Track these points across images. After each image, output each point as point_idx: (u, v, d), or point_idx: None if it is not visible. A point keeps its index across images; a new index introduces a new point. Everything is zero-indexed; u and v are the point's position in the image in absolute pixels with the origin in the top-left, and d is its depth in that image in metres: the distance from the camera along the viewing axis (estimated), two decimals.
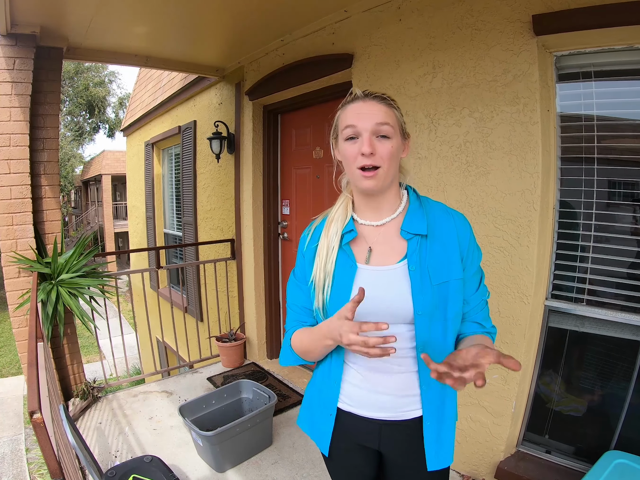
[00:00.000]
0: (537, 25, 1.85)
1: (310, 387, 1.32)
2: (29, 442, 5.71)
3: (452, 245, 1.10)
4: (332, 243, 1.13)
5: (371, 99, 1.07)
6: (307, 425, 1.31)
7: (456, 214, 1.15)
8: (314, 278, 1.15)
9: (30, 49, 2.77)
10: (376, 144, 1.03)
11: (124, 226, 18.00)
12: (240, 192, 4.01)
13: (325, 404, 1.21)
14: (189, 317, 5.13)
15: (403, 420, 1.14)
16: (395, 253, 1.11)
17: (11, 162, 2.78)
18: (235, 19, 2.92)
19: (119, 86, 41.92)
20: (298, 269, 1.26)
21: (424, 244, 1.09)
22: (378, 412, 1.14)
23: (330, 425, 1.20)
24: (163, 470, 2.17)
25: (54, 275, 2.88)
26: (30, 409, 1.16)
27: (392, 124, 1.05)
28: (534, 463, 2.13)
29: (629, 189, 1.90)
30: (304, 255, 1.22)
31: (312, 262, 1.17)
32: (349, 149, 1.06)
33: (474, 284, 1.15)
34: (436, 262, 1.08)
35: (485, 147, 2.10)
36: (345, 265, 1.12)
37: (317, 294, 1.14)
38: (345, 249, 1.13)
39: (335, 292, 1.11)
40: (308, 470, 2.44)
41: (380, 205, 1.14)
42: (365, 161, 1.03)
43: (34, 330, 1.83)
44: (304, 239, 1.24)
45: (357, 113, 1.06)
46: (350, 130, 1.06)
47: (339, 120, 1.13)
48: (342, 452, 1.23)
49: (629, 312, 1.86)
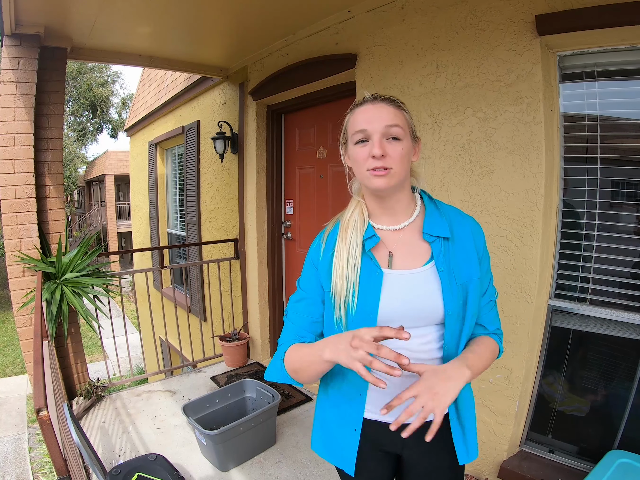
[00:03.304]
0: (540, 25, 1.85)
1: (322, 404, 1.25)
2: (32, 441, 5.75)
3: (469, 246, 1.11)
4: (353, 250, 1.09)
5: (380, 101, 1.07)
6: (323, 448, 1.23)
7: (468, 217, 1.17)
8: (334, 288, 1.10)
9: (34, 49, 2.78)
10: (387, 146, 1.03)
11: (127, 226, 18.03)
12: (244, 192, 4.01)
13: (348, 418, 1.16)
14: (193, 317, 5.13)
15: (428, 421, 1.13)
16: (418, 256, 1.11)
17: (15, 162, 2.80)
18: (238, 19, 2.92)
19: (122, 86, 41.93)
20: (305, 280, 1.20)
21: (447, 246, 1.09)
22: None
23: (355, 442, 1.14)
24: (167, 469, 2.18)
25: (58, 275, 2.89)
26: (37, 406, 1.17)
27: (402, 125, 1.05)
28: (537, 462, 2.13)
29: (633, 188, 1.90)
30: (318, 265, 1.17)
31: (329, 271, 1.13)
32: (359, 152, 1.05)
33: (484, 285, 1.16)
34: (458, 262, 1.09)
35: (488, 147, 2.10)
36: (370, 272, 1.09)
37: (338, 304, 1.10)
38: (369, 255, 1.10)
39: (362, 301, 1.08)
40: (311, 469, 2.45)
41: (394, 209, 1.13)
42: (377, 163, 1.02)
43: (39, 329, 1.84)
44: (318, 248, 1.18)
45: (367, 116, 1.05)
46: (360, 134, 1.05)
47: (348, 125, 1.11)
48: (367, 464, 1.19)
49: (632, 311, 1.86)
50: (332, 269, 1.11)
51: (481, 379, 2.20)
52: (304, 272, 1.22)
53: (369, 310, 1.07)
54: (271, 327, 4.06)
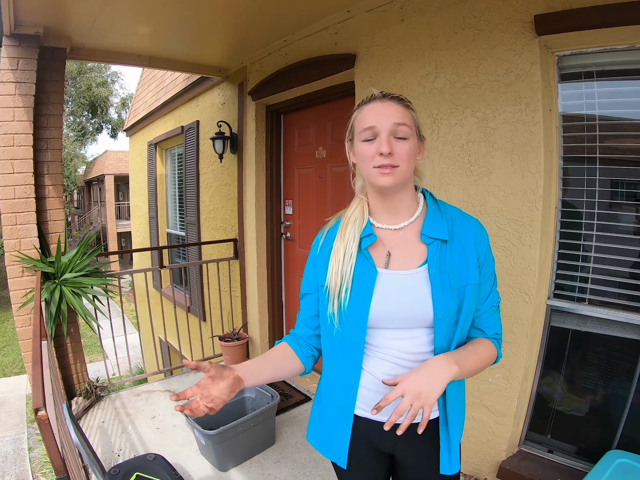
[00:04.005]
0: (539, 25, 1.85)
1: (319, 396, 1.28)
2: (32, 441, 5.75)
3: (469, 250, 1.10)
4: (350, 247, 1.10)
5: (389, 99, 1.07)
6: (318, 441, 1.26)
7: (473, 219, 1.16)
8: (328, 283, 1.12)
9: (33, 49, 2.78)
10: (394, 144, 1.03)
11: (127, 226, 18.03)
12: (243, 192, 4.01)
13: (340, 413, 1.18)
14: (192, 317, 5.14)
15: (418, 423, 1.13)
16: (415, 257, 1.10)
17: (15, 162, 2.80)
18: (238, 19, 2.92)
19: (121, 86, 42.09)
20: (307, 276, 1.24)
21: (443, 249, 1.08)
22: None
23: (347, 436, 1.16)
24: (166, 469, 2.18)
25: (58, 275, 2.89)
26: (35, 406, 1.17)
27: (409, 124, 1.05)
28: (536, 462, 2.13)
29: (632, 188, 1.90)
30: (316, 260, 1.19)
31: (325, 266, 1.15)
32: (366, 149, 1.05)
33: (486, 290, 1.14)
34: (455, 266, 1.08)
35: (487, 147, 2.10)
36: (365, 270, 1.10)
37: (331, 299, 1.11)
38: (365, 253, 1.11)
39: (354, 298, 1.09)
40: (311, 469, 2.45)
41: (396, 208, 1.13)
42: (384, 161, 1.02)
43: (38, 329, 1.84)
44: (317, 243, 1.21)
45: (375, 113, 1.05)
46: (368, 131, 1.04)
47: (355, 122, 1.11)
48: (359, 461, 1.20)
49: (631, 311, 1.86)
50: (329, 264, 1.13)
51: (480, 379, 2.20)
52: (305, 268, 1.26)
53: (360, 308, 1.08)
54: (270, 327, 4.06)
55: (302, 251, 3.76)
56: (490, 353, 1.13)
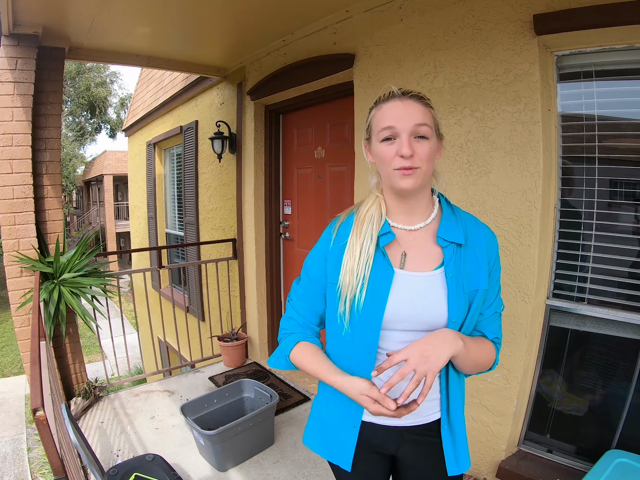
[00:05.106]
0: (538, 24, 1.85)
1: (321, 400, 1.25)
2: (31, 442, 5.74)
3: (481, 256, 1.09)
4: (367, 244, 1.06)
5: (409, 97, 1.03)
6: (318, 444, 1.23)
7: (485, 226, 1.15)
8: (341, 281, 1.08)
9: (32, 49, 2.78)
10: (415, 145, 1.00)
11: (126, 226, 18.00)
12: (242, 192, 4.01)
13: (346, 416, 1.15)
14: (191, 317, 5.13)
15: (423, 424, 1.12)
16: (430, 260, 1.09)
17: (13, 162, 2.79)
18: (237, 19, 2.92)
19: (120, 86, 41.86)
20: (313, 269, 1.19)
21: (459, 252, 1.07)
22: (401, 420, 1.08)
23: (353, 439, 1.14)
24: (165, 469, 2.18)
25: (56, 275, 2.89)
26: (34, 406, 1.16)
27: (429, 124, 1.02)
28: (535, 462, 2.13)
29: (630, 188, 1.90)
30: (328, 254, 1.14)
31: (337, 262, 1.11)
32: (385, 150, 1.03)
33: (492, 296, 1.14)
34: (468, 270, 1.07)
35: (486, 147, 2.10)
36: (381, 269, 1.07)
37: (343, 298, 1.08)
38: (382, 252, 1.08)
39: (369, 298, 1.05)
40: (310, 469, 2.45)
41: (413, 209, 1.11)
42: (405, 163, 0.99)
43: (36, 329, 1.84)
44: (328, 237, 1.16)
45: (395, 113, 1.02)
46: (388, 131, 1.02)
47: (373, 120, 1.07)
48: (362, 464, 1.19)
49: (630, 311, 1.86)
50: (343, 260, 1.09)
51: (479, 379, 2.20)
52: (310, 260, 1.21)
53: (375, 308, 1.05)
54: (269, 327, 4.06)
55: (301, 251, 3.76)
56: (490, 351, 1.13)
